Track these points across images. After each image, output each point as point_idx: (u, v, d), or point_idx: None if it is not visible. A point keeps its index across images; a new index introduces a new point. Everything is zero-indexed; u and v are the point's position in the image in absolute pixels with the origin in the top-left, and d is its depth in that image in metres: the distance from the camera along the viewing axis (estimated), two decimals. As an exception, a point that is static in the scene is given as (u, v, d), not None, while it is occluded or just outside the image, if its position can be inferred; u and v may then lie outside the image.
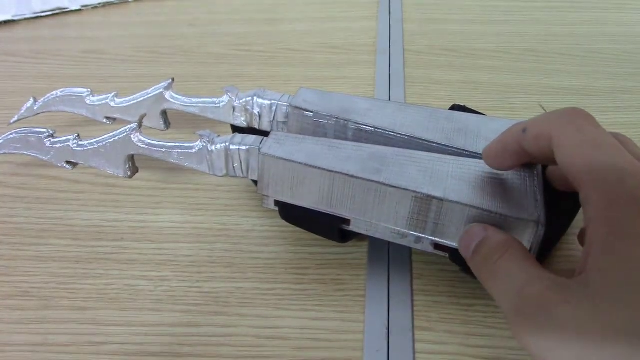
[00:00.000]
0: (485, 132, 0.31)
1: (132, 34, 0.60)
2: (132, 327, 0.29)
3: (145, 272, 0.32)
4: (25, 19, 0.64)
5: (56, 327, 0.30)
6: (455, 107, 0.36)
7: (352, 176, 0.27)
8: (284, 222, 0.32)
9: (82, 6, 0.65)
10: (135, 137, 0.32)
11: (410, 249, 0.33)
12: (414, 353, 0.28)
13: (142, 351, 0.28)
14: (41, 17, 0.64)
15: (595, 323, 0.18)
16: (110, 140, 0.32)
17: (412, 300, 0.30)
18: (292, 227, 0.32)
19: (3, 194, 0.38)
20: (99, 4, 0.66)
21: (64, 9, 0.65)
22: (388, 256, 0.33)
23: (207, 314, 0.30)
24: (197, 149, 0.31)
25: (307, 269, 0.32)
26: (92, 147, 0.33)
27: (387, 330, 0.29)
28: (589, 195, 0.20)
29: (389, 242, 0.33)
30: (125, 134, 0.32)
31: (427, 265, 0.32)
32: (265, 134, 0.32)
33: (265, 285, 0.31)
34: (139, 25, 0.62)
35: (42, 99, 0.40)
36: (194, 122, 0.41)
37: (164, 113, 0.38)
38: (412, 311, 0.30)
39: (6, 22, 0.63)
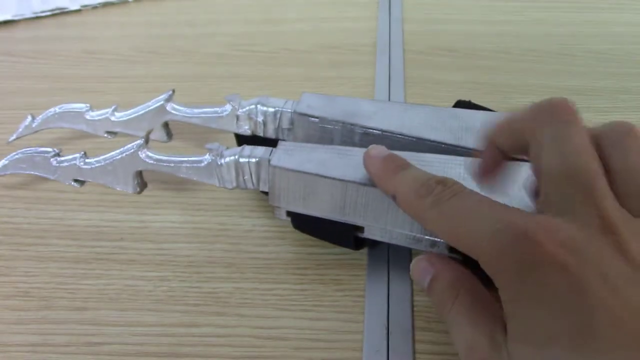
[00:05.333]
0: None
1: (132, 34, 0.60)
2: (132, 327, 0.29)
3: (145, 273, 0.32)
4: (25, 19, 0.63)
5: (56, 328, 0.30)
6: (460, 103, 0.36)
7: (364, 184, 0.27)
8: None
9: (82, 6, 0.65)
10: (143, 153, 0.32)
11: (410, 248, 0.33)
12: (414, 353, 0.28)
13: (142, 351, 0.28)
14: (41, 17, 0.64)
15: None
16: (117, 157, 0.32)
17: (412, 301, 0.30)
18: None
19: (3, 194, 0.38)
20: (99, 4, 0.66)
21: (64, 9, 0.65)
22: (388, 256, 0.33)
23: (207, 314, 0.30)
24: (205, 162, 0.31)
25: (306, 269, 0.32)
26: (100, 164, 0.33)
27: (386, 331, 0.29)
28: None
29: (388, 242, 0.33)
30: (133, 150, 0.32)
31: (427, 266, 0.32)
32: (270, 141, 0.32)
33: (265, 286, 0.31)
34: (139, 25, 0.62)
35: (40, 116, 0.39)
36: (198, 130, 0.40)
37: (166, 125, 0.38)
38: (412, 311, 0.30)
39: (6, 22, 0.63)
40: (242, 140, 0.35)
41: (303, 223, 0.31)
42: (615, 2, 0.63)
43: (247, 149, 0.30)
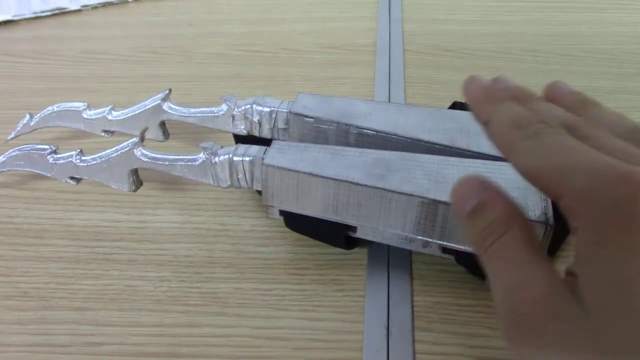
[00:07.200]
0: None
1: (132, 34, 0.60)
2: (132, 327, 0.29)
3: (145, 273, 0.32)
4: (25, 19, 0.63)
5: (55, 328, 0.29)
6: (456, 105, 0.36)
7: (356, 184, 0.27)
8: (282, 223, 0.32)
9: (82, 6, 0.65)
10: (138, 151, 0.32)
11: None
12: (414, 354, 0.28)
13: (142, 352, 0.28)
14: (41, 17, 0.64)
15: (587, 343, 0.16)
16: (113, 155, 0.32)
17: (412, 301, 0.30)
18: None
19: (3, 194, 0.38)
20: (99, 4, 0.66)
21: (64, 9, 0.65)
22: (388, 256, 0.33)
23: (207, 315, 0.30)
24: (200, 161, 0.31)
25: (306, 269, 0.32)
26: (95, 162, 0.33)
27: (386, 331, 0.29)
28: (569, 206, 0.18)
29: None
30: (128, 148, 0.32)
31: (427, 266, 0.32)
32: (266, 141, 0.32)
33: (265, 286, 0.31)
34: (139, 25, 0.62)
35: (38, 115, 0.39)
36: (196, 130, 0.40)
37: (163, 124, 0.38)
38: (412, 311, 0.30)
39: (6, 22, 0.63)
40: (240, 140, 0.35)
41: (295, 222, 0.31)
42: (615, 2, 0.63)
43: (242, 147, 0.31)
